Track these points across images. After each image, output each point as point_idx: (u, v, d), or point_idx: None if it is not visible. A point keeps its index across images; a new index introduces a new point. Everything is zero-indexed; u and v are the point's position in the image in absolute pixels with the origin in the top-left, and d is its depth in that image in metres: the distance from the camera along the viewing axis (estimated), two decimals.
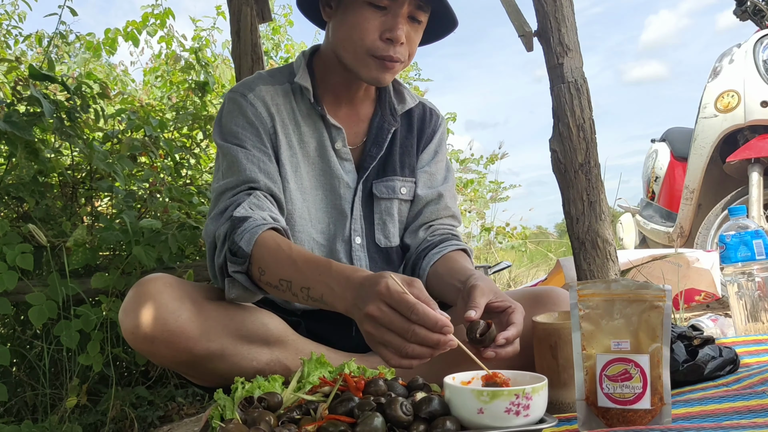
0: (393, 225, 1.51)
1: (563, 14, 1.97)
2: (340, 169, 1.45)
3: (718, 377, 1.27)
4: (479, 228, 5.33)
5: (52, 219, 2.18)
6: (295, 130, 1.43)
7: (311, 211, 1.44)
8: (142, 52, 4.40)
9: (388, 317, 0.99)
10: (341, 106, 1.48)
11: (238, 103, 1.41)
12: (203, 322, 1.20)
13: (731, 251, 1.82)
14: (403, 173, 1.52)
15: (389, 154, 1.51)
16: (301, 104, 1.45)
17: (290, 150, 1.42)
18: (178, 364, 1.23)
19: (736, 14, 3.11)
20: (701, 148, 3.08)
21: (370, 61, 1.34)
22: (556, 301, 1.32)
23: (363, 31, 1.32)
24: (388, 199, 1.50)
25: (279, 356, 1.30)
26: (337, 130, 1.45)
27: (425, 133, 1.58)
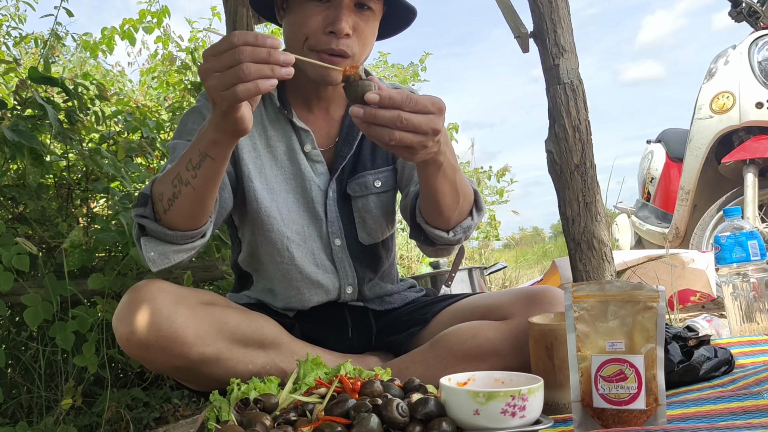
0: (374, 221, 1.47)
1: (559, 15, 1.98)
2: (310, 172, 1.43)
3: (713, 378, 1.27)
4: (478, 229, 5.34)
5: (48, 220, 2.17)
6: (261, 134, 1.43)
7: (282, 211, 1.41)
8: (139, 53, 4.40)
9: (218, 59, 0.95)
10: (312, 109, 1.46)
11: (199, 106, 1.42)
12: (198, 327, 1.19)
13: (726, 252, 1.83)
14: (374, 165, 1.47)
15: (359, 150, 1.47)
16: (269, 109, 1.45)
17: (254, 152, 1.41)
18: (174, 370, 1.22)
19: (731, 16, 3.12)
20: (696, 149, 3.09)
21: (314, 57, 1.26)
22: (552, 301, 1.32)
23: (306, 27, 1.28)
24: (362, 196, 1.46)
25: (274, 359, 1.30)
26: (305, 133, 1.43)
27: None
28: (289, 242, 1.41)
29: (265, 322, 1.33)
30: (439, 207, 1.27)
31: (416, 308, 1.51)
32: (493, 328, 1.31)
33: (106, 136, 2.30)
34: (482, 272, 2.48)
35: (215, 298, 1.33)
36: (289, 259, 1.41)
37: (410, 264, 4.63)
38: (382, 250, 1.51)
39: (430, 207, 1.29)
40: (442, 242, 1.36)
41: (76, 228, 2.02)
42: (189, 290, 1.27)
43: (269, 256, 1.42)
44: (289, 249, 1.41)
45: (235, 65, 0.93)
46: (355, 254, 1.46)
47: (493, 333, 1.30)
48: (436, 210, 1.28)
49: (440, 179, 1.20)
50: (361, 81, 1.01)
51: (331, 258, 1.44)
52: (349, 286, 1.45)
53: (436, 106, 1.03)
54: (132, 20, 3.55)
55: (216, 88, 0.95)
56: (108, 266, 2.05)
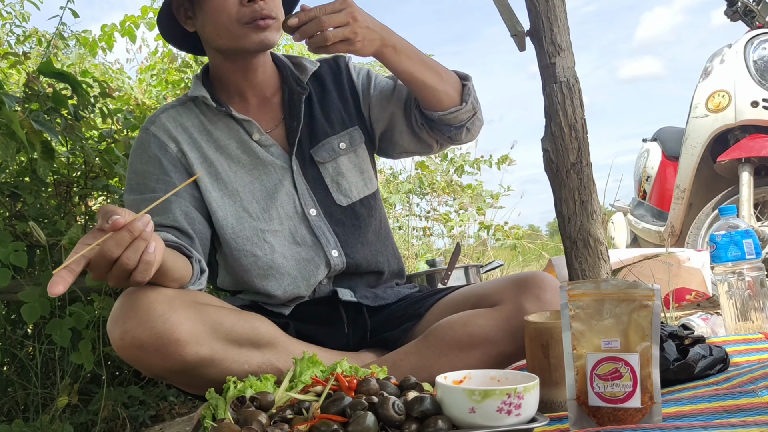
0: (347, 181, 1.52)
1: (555, 14, 1.98)
2: (268, 156, 1.47)
3: (708, 376, 1.28)
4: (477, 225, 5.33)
5: (46, 217, 2.17)
6: (209, 139, 1.47)
7: (249, 207, 1.45)
8: (139, 50, 4.39)
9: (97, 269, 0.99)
10: (249, 100, 1.51)
11: (142, 139, 1.47)
12: (192, 326, 1.19)
13: (721, 251, 1.83)
14: (334, 130, 1.53)
15: (312, 119, 1.52)
16: (208, 113, 1.49)
17: (205, 162, 1.45)
18: (169, 372, 1.21)
19: (727, 15, 3.12)
20: (692, 147, 3.10)
21: (245, 30, 1.36)
22: (541, 285, 1.32)
23: (224, 9, 1.35)
24: (332, 160, 1.51)
25: (270, 358, 1.30)
26: (248, 123, 1.47)
27: (343, 81, 1.59)
28: (265, 234, 1.44)
29: (260, 321, 1.33)
30: (428, 86, 1.41)
31: (410, 303, 1.52)
32: (484, 315, 1.32)
33: (105, 134, 2.30)
34: (478, 270, 2.49)
35: (209, 299, 1.32)
36: (269, 249, 1.44)
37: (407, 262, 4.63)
38: (362, 209, 1.53)
39: (423, 92, 1.42)
40: (462, 117, 1.47)
41: (74, 225, 2.02)
42: (183, 291, 1.26)
43: (252, 257, 1.44)
44: (266, 240, 1.44)
45: (114, 262, 0.97)
46: (336, 218, 1.49)
47: (484, 320, 1.31)
48: (429, 90, 1.41)
49: (405, 60, 1.37)
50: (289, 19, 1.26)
51: (311, 230, 1.46)
52: (334, 249, 1.47)
53: (343, 3, 1.25)
54: (133, 17, 3.55)
55: (119, 281, 1.00)
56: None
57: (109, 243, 0.96)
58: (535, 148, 2.02)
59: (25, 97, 2.05)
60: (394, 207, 5.02)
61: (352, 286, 1.52)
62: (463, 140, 1.57)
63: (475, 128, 1.56)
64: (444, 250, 5.23)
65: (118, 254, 0.96)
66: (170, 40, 1.57)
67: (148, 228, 0.98)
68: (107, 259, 0.97)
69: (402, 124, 1.55)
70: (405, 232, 5.09)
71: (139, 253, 0.98)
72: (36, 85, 2.07)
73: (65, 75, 2.10)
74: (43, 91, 2.05)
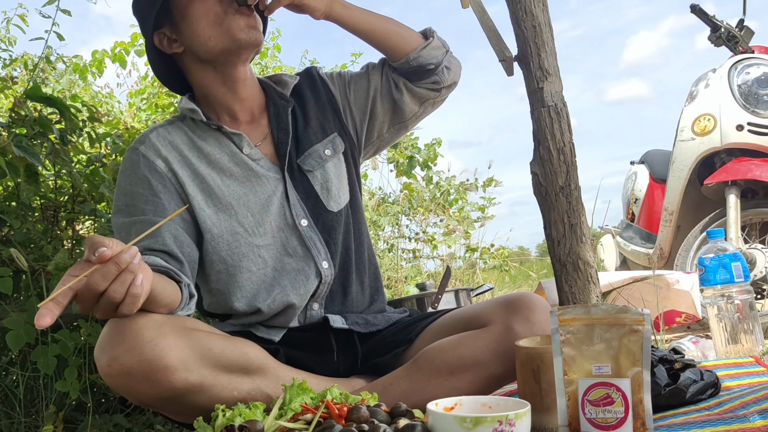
0: (335, 186, 1.54)
1: (543, 39, 2.00)
2: (260, 168, 1.49)
3: (699, 401, 1.28)
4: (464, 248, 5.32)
5: (33, 242, 2.15)
6: (200, 155, 1.47)
7: (244, 222, 1.45)
8: (129, 74, 4.39)
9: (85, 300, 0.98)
10: (238, 117, 1.53)
11: (130, 159, 1.46)
12: (182, 352, 1.17)
13: (710, 274, 1.84)
14: (317, 138, 1.56)
15: (296, 130, 1.56)
16: (197, 130, 1.50)
17: (197, 179, 1.45)
18: (157, 400, 1.19)
19: (710, 40, 3.16)
20: (679, 170, 3.12)
21: (235, 19, 1.41)
22: (529, 305, 1.33)
23: (209, 8, 1.40)
24: (320, 167, 1.54)
25: (260, 385, 1.28)
26: (237, 137, 1.49)
27: (319, 89, 1.63)
28: (259, 249, 1.45)
29: (250, 347, 1.31)
30: (389, 31, 1.53)
31: (400, 328, 1.52)
32: (474, 337, 1.32)
33: (93, 158, 2.29)
34: (468, 294, 2.48)
35: (198, 324, 1.31)
36: (263, 264, 1.45)
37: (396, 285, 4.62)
38: (350, 214, 1.56)
39: (386, 39, 1.54)
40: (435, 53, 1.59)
41: (61, 250, 2.00)
42: (173, 317, 1.25)
43: (247, 272, 1.44)
44: (260, 255, 1.45)
45: (101, 294, 0.96)
46: (328, 225, 1.51)
47: (473, 342, 1.31)
48: (392, 35, 1.53)
49: (357, 13, 1.50)
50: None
51: (301, 240, 1.47)
52: (324, 261, 1.48)
53: None
54: (123, 43, 3.56)
55: (107, 313, 1.00)
56: None
57: (96, 276, 0.95)
58: (524, 169, 2.03)
59: (11, 121, 2.04)
60: (383, 229, 5.01)
61: (343, 312, 1.51)
62: (447, 81, 1.63)
63: (453, 66, 1.65)
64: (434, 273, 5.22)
65: (104, 287, 0.96)
66: (161, 77, 1.58)
67: (135, 260, 0.97)
68: (94, 292, 0.96)
69: (386, 99, 1.61)
70: (395, 254, 5.08)
71: (126, 286, 0.97)
72: (23, 110, 2.06)
73: (52, 99, 2.09)
74: (30, 115, 2.04)
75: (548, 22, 2.02)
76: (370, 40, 1.55)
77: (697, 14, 3.11)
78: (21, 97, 2.14)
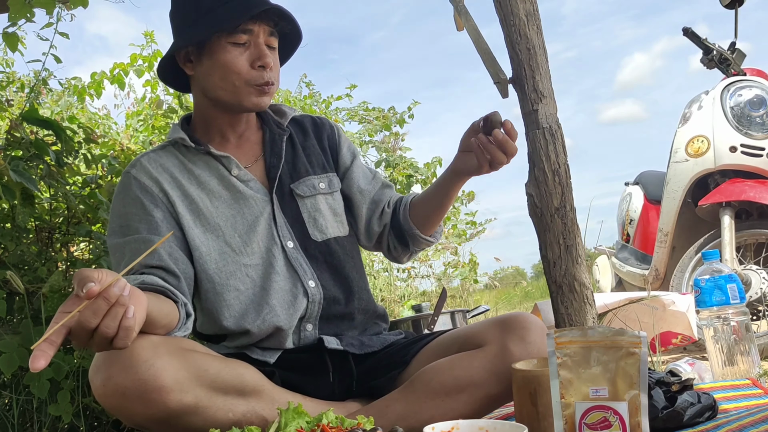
0: (324, 219, 1.56)
1: (537, 62, 2.02)
2: (248, 190, 1.52)
3: (697, 424, 1.27)
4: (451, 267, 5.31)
5: (27, 264, 2.14)
6: (190, 177, 1.51)
7: (232, 242, 1.47)
8: (127, 96, 4.41)
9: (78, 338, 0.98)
10: (228, 138, 1.57)
11: (123, 183, 1.50)
12: (176, 372, 1.17)
13: (706, 295, 1.84)
14: (315, 172, 1.61)
15: (295, 157, 1.60)
16: (187, 154, 1.53)
17: (187, 199, 1.48)
18: (152, 422, 1.18)
19: (703, 63, 3.19)
20: (674, 191, 3.14)
21: (250, 90, 1.45)
22: (524, 325, 1.33)
23: (236, 67, 1.44)
24: (311, 196, 1.57)
25: (255, 407, 1.28)
26: (226, 159, 1.52)
27: (325, 135, 1.68)
28: (247, 268, 1.47)
29: (246, 369, 1.31)
30: (441, 215, 1.64)
31: (396, 350, 1.51)
32: (469, 358, 1.32)
33: (89, 180, 2.29)
34: (465, 315, 2.48)
35: (196, 346, 1.31)
36: (251, 284, 1.46)
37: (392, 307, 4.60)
38: (336, 246, 1.56)
39: (436, 218, 1.63)
40: (424, 246, 1.68)
41: (55, 272, 1.99)
42: (168, 338, 1.24)
43: (235, 291, 1.45)
44: (248, 274, 1.47)
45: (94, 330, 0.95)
46: (310, 253, 1.53)
47: (468, 363, 1.31)
48: (438, 219, 1.64)
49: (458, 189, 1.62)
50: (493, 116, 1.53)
51: (287, 260, 1.49)
52: (310, 280, 1.48)
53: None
54: (122, 65, 3.57)
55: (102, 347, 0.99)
56: None
57: (86, 313, 0.94)
58: (519, 190, 2.04)
59: (7, 143, 2.04)
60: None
61: (338, 333, 1.51)
62: (405, 259, 1.74)
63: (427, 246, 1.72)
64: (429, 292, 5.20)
65: (96, 324, 0.95)
66: (161, 72, 1.59)
67: (125, 292, 0.96)
68: (86, 329, 0.95)
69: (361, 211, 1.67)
70: (389, 274, 5.08)
71: (118, 320, 0.96)
72: (19, 132, 2.06)
73: (49, 122, 2.09)
74: (26, 137, 2.04)
75: (542, 45, 2.04)
76: (439, 213, 1.63)
77: (690, 37, 3.14)
78: (17, 119, 2.15)
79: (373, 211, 1.66)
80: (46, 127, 2.11)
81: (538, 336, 1.30)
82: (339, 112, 5.43)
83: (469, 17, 2.34)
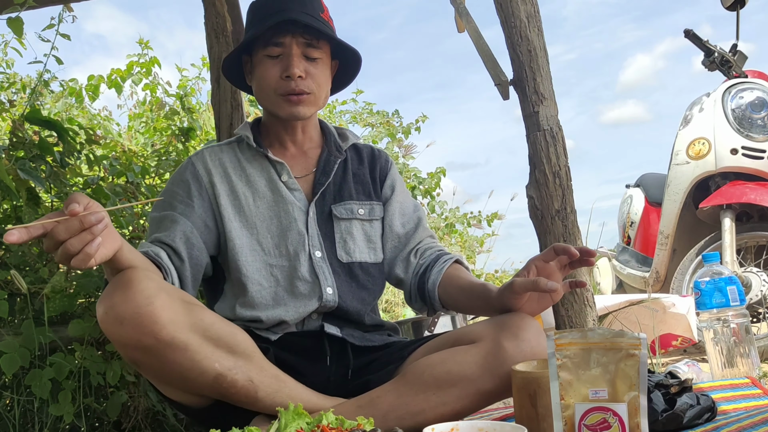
0: (354, 243, 1.62)
1: (538, 64, 2.03)
2: (290, 196, 1.59)
3: (696, 426, 1.27)
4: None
5: (28, 265, 2.15)
6: (242, 174, 1.61)
7: (263, 242, 1.55)
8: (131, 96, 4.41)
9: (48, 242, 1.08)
10: (286, 146, 1.65)
11: (182, 166, 1.62)
12: (173, 314, 1.24)
13: (706, 297, 1.85)
14: (359, 198, 1.66)
15: (344, 181, 1.67)
16: (246, 152, 1.64)
17: (232, 194, 1.58)
18: (141, 352, 1.24)
19: (704, 65, 3.20)
20: (674, 194, 3.14)
21: (280, 100, 1.55)
22: (520, 324, 1.33)
23: (268, 78, 1.54)
24: (347, 219, 1.63)
25: (243, 367, 1.32)
26: (280, 165, 1.61)
27: (378, 166, 1.73)
28: (272, 268, 1.54)
29: (240, 332, 1.37)
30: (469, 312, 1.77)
31: (395, 349, 1.53)
32: (462, 352, 1.33)
33: (90, 181, 2.29)
34: (465, 318, 2.48)
35: (198, 302, 1.36)
36: (274, 282, 1.54)
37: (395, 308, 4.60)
38: (359, 270, 1.61)
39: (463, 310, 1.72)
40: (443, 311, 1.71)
41: (57, 273, 1.99)
42: (174, 287, 1.33)
43: (257, 285, 1.52)
44: (273, 274, 1.54)
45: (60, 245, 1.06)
46: (334, 268, 1.57)
47: (461, 357, 1.32)
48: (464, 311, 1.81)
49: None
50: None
51: (312, 269, 1.54)
52: (329, 287, 1.53)
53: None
54: (120, 71, 3.58)
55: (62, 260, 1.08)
56: (87, 312, 2.02)
57: (60, 227, 1.04)
58: (520, 192, 2.04)
59: (10, 144, 2.05)
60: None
61: (341, 326, 1.55)
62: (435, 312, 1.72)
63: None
64: None
65: (64, 238, 1.05)
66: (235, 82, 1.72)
67: (100, 224, 1.06)
68: (54, 239, 1.05)
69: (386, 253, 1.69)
70: None
71: (83, 244, 1.05)
72: (22, 133, 2.07)
73: (51, 122, 2.10)
74: (29, 138, 2.05)
75: (543, 47, 2.05)
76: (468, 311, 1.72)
77: (691, 39, 3.14)
78: (20, 120, 2.16)
79: (399, 250, 1.68)
80: (49, 127, 2.12)
81: (532, 334, 1.31)
82: (343, 114, 5.43)
83: (470, 19, 2.35)
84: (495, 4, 2.07)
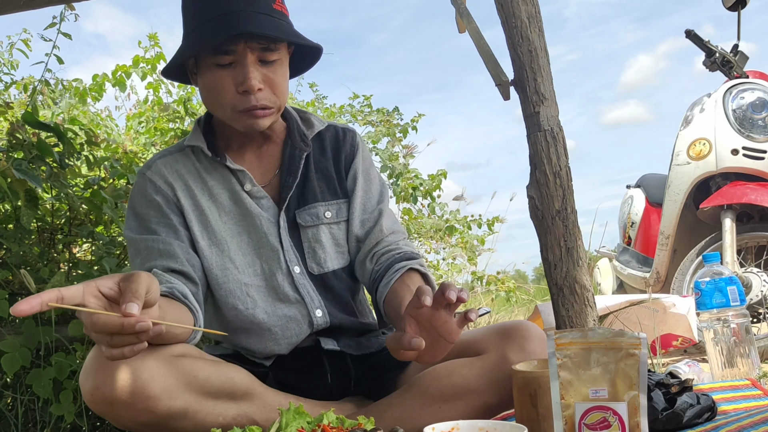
0: (323, 251, 1.48)
1: (539, 64, 2.03)
2: (257, 208, 1.45)
3: (696, 425, 1.28)
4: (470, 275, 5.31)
5: (29, 265, 2.15)
6: (203, 187, 1.46)
7: (236, 259, 1.43)
8: (128, 98, 4.41)
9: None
10: (245, 150, 1.49)
11: (139, 184, 1.46)
12: (164, 380, 1.16)
13: (706, 298, 1.85)
14: (324, 198, 1.50)
15: (306, 180, 1.49)
16: (204, 161, 1.47)
17: (197, 210, 1.44)
18: (141, 425, 1.18)
19: (705, 65, 3.20)
20: (675, 194, 3.14)
21: (239, 116, 1.36)
22: (524, 334, 1.31)
23: (220, 91, 1.34)
24: (313, 226, 1.48)
25: (246, 410, 1.28)
26: (241, 173, 1.45)
27: (342, 155, 1.55)
28: (248, 287, 1.43)
29: (237, 372, 1.31)
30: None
31: None
32: (468, 365, 1.31)
33: (91, 182, 2.30)
34: None
35: (188, 350, 1.29)
36: (252, 304, 1.43)
37: None
38: (335, 280, 1.49)
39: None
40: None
41: (58, 273, 2.00)
42: (158, 346, 1.23)
43: (233, 310, 1.43)
44: (249, 294, 1.43)
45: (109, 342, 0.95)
46: (314, 280, 1.46)
47: (467, 370, 1.30)
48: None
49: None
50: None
51: (294, 287, 1.44)
52: (318, 309, 1.44)
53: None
54: (125, 66, 3.58)
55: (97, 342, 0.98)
56: None
57: (105, 336, 0.94)
58: (521, 192, 2.05)
59: (9, 145, 2.05)
60: None
61: (336, 338, 1.50)
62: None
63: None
64: None
65: (106, 344, 0.95)
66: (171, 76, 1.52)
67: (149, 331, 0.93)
68: (96, 338, 0.96)
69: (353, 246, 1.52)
70: None
71: (125, 344, 0.96)
72: (20, 134, 2.07)
73: (49, 125, 2.10)
74: (28, 139, 2.05)
75: (544, 47, 2.05)
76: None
77: (692, 39, 3.15)
78: (18, 121, 2.16)
79: (357, 253, 1.52)
80: (46, 129, 2.11)
81: (538, 345, 1.29)
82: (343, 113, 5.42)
83: (470, 19, 2.35)
84: (496, 4, 2.07)
